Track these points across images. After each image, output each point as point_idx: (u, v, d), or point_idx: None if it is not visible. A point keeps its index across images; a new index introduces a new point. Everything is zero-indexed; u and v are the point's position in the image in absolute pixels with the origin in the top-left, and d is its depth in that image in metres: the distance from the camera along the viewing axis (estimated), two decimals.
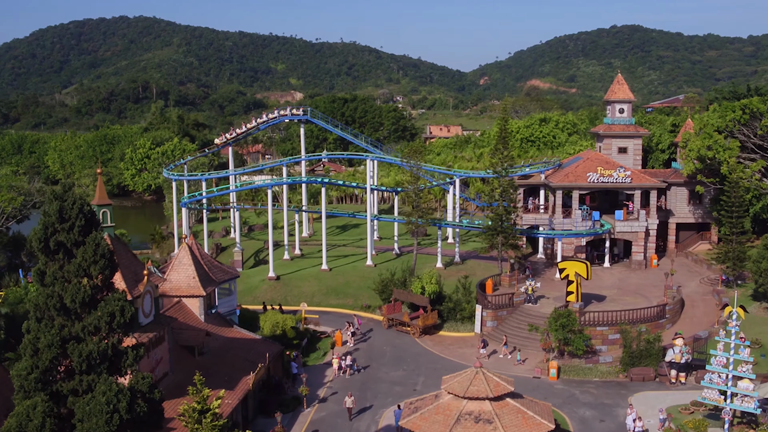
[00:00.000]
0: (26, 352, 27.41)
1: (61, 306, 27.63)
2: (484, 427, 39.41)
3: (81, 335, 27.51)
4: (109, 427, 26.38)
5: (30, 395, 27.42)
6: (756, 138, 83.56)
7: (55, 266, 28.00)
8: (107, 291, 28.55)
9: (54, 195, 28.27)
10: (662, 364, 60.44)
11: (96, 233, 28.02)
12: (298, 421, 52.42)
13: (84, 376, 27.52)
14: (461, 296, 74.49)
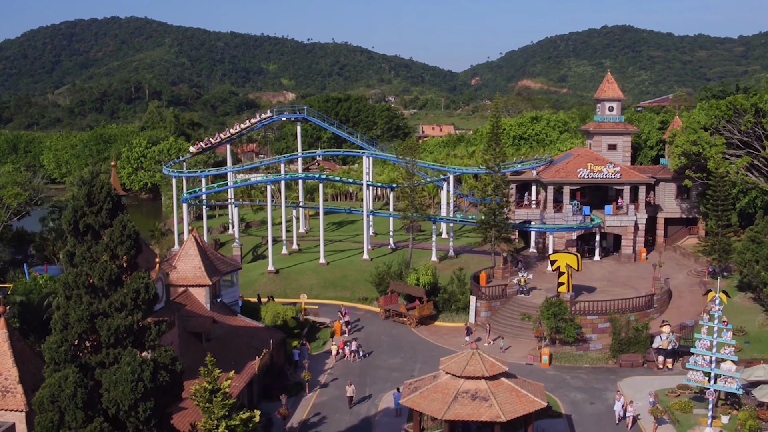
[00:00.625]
0: (56, 327, 29.54)
1: (88, 284, 29.80)
2: (480, 404, 41.69)
3: (108, 311, 29.67)
4: (134, 395, 28.52)
5: (60, 367, 29.52)
6: (741, 134, 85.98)
7: (83, 247, 30.14)
8: (132, 270, 30.73)
9: (82, 180, 30.41)
10: (650, 351, 62.90)
11: (122, 215, 30.20)
12: (300, 405, 54.67)
13: (111, 350, 29.65)
14: (456, 288, 76.82)
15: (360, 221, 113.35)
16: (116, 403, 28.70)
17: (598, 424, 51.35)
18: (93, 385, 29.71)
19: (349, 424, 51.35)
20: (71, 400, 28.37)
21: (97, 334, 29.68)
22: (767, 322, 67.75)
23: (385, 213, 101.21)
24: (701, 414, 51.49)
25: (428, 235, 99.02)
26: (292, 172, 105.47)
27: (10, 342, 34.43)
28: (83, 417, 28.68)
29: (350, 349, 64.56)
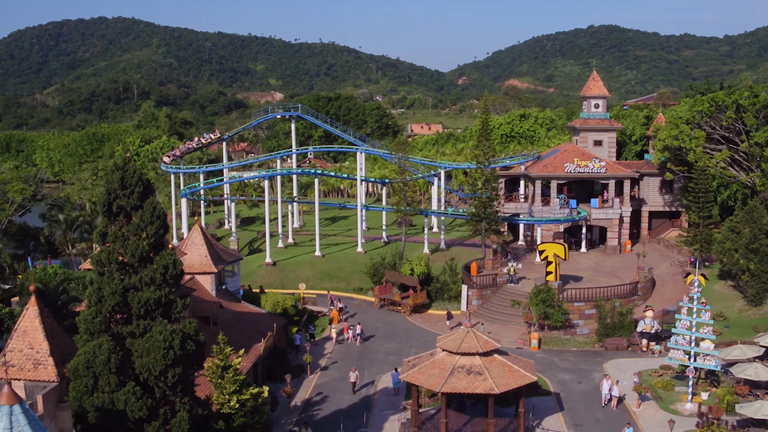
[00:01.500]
0: (91, 300, 32.33)
1: (120, 261, 32.62)
2: (475, 378, 44.64)
3: (139, 285, 32.49)
4: (165, 361, 31.37)
5: (94, 337, 32.37)
6: (721, 129, 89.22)
7: (115, 227, 32.98)
8: (159, 249, 33.55)
9: (116, 166, 33.20)
10: (634, 335, 66.05)
11: (152, 198, 33.08)
12: (303, 386, 57.52)
13: (141, 321, 32.48)
14: (448, 277, 79.85)
15: (352, 217, 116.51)
16: (148, 369, 31.56)
17: (584, 402, 54.38)
18: (124, 353, 32.56)
19: (350, 403, 54.23)
20: (105, 365, 31.20)
21: (128, 306, 32.46)
22: (745, 307, 71.00)
23: (378, 207, 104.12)
24: (682, 391, 54.59)
25: (419, 229, 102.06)
26: (287, 168, 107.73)
27: (40, 318, 37.10)
28: (116, 381, 31.53)
29: (354, 333, 67.73)
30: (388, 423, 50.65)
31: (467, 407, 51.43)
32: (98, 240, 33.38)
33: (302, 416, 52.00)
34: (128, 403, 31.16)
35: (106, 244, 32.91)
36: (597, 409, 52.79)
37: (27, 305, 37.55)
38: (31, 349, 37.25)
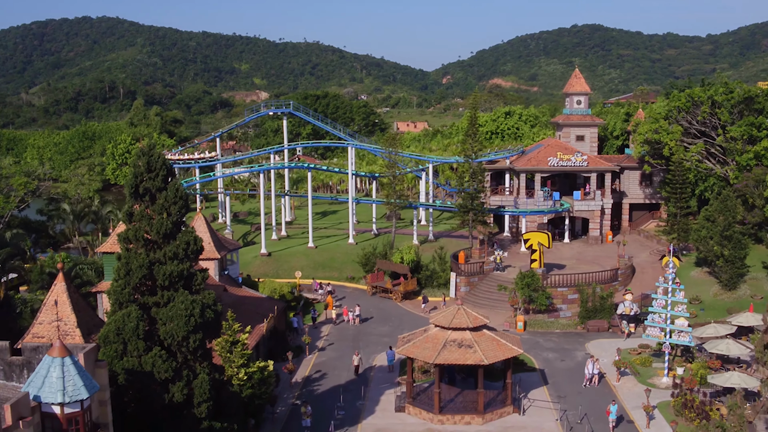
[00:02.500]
0: (120, 273, 35.61)
1: (145, 238, 35.93)
2: (466, 351, 48.17)
3: (163, 260, 35.81)
4: (187, 327, 34.67)
5: (123, 306, 35.65)
6: (698, 124, 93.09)
7: (142, 207, 36.29)
8: (181, 227, 36.88)
9: (142, 152, 36.45)
10: (614, 317, 69.82)
11: (174, 180, 36.41)
12: (302, 365, 60.95)
13: (165, 292, 35.78)
14: (437, 266, 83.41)
15: (342, 211, 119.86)
16: (172, 335, 34.89)
17: (567, 377, 58.03)
18: (149, 321, 35.88)
19: (348, 379, 57.67)
20: (134, 332, 34.53)
21: (153, 279, 35.77)
22: (720, 292, 74.94)
23: (369, 200, 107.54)
24: (659, 367, 58.33)
25: (408, 222, 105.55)
26: (281, 163, 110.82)
27: (68, 293, 40.36)
28: (143, 346, 34.86)
29: (354, 314, 71.54)
30: (384, 396, 54.14)
31: (458, 381, 54.97)
32: (125, 219, 36.65)
33: (303, 391, 55.42)
34: (155, 365, 34.47)
35: (132, 222, 36.19)
36: (579, 384, 56.38)
37: (55, 281, 40.87)
38: (60, 320, 40.53)
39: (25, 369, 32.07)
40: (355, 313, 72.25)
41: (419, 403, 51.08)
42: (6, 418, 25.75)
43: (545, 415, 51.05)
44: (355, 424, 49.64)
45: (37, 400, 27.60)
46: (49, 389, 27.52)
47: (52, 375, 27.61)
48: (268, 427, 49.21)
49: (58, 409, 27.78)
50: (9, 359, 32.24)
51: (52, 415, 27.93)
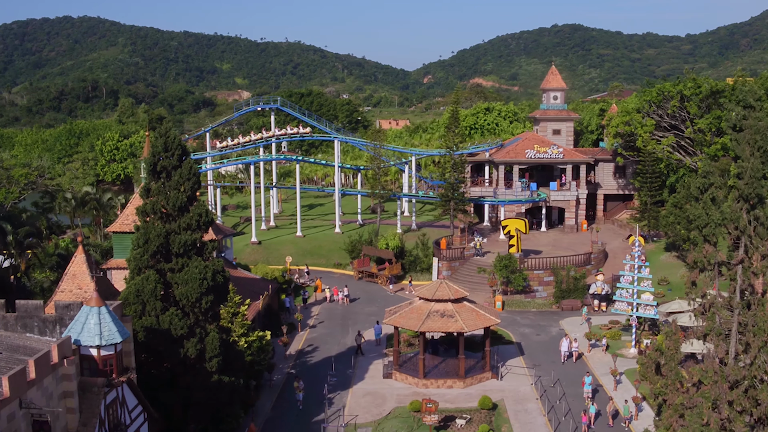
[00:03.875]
0: (139, 242, 39.68)
1: (161, 211, 40.04)
2: (448, 320, 52.55)
3: (178, 230, 39.92)
4: (201, 289, 38.79)
5: (141, 271, 39.75)
6: (668, 117, 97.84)
7: (158, 183, 40.39)
8: (193, 200, 40.98)
9: (159, 133, 40.49)
10: (587, 296, 74.41)
11: (188, 159, 40.51)
12: (295, 340, 65.23)
13: (179, 259, 39.86)
14: (420, 252, 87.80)
15: (327, 204, 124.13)
16: (186, 296, 39.00)
17: (542, 349, 62.57)
18: (165, 285, 40.00)
19: (338, 352, 61.97)
20: (152, 293, 38.64)
21: (169, 247, 39.86)
22: (687, 274, 79.58)
23: (355, 191, 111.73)
24: (627, 340, 62.95)
25: (391, 214, 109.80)
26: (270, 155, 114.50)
27: (87, 264, 44.42)
28: (161, 306, 38.97)
29: (344, 294, 75.91)
30: (372, 365, 58.49)
31: (441, 352, 59.35)
32: (143, 195, 40.75)
33: (297, 362, 59.68)
34: (172, 323, 38.56)
35: (149, 197, 40.31)
36: (553, 355, 60.80)
37: (75, 253, 44.92)
38: (80, 289, 44.66)
39: (57, 325, 36.01)
40: (344, 293, 76.60)
41: (405, 370, 55.47)
42: (53, 356, 29.79)
43: (521, 380, 55.52)
44: (347, 389, 53.96)
45: (77, 343, 31.72)
46: (87, 334, 31.65)
47: (90, 322, 31.75)
48: (266, 391, 53.43)
49: (95, 352, 31.91)
50: (43, 316, 36.22)
51: (89, 357, 32.07)
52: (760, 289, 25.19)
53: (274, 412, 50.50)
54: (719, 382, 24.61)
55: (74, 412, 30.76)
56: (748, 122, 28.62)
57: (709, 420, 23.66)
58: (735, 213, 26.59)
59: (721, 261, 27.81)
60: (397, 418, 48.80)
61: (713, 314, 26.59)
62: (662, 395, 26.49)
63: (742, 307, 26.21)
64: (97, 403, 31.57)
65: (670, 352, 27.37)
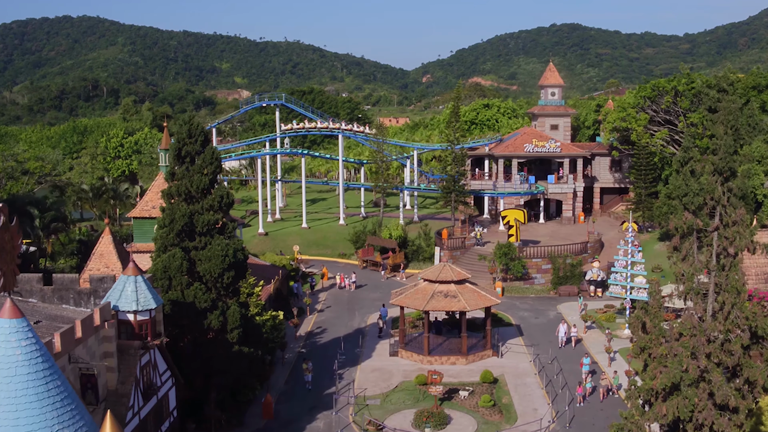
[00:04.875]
0: (165, 221, 42.68)
1: (185, 193, 43.04)
2: (451, 300, 55.57)
3: (201, 211, 42.93)
4: (223, 265, 41.81)
5: (167, 249, 42.76)
6: (662, 112, 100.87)
7: (182, 168, 43.40)
8: (215, 183, 44.00)
9: (183, 121, 43.49)
10: (583, 283, 77.46)
11: (211, 144, 43.52)
12: (304, 323, 68.28)
13: (203, 237, 42.89)
14: (422, 242, 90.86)
15: (331, 199, 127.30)
16: (209, 272, 42.03)
17: (540, 330, 65.61)
18: (189, 262, 43.02)
19: (345, 333, 64.97)
20: (178, 269, 41.66)
21: (193, 227, 42.87)
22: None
23: (358, 184, 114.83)
24: (621, 322, 65.97)
25: (393, 208, 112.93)
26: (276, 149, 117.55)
27: (113, 244, 47.42)
28: (186, 281, 41.97)
29: (350, 281, 78.99)
30: (379, 345, 61.54)
31: (444, 332, 62.36)
32: (168, 178, 43.78)
33: (307, 342, 62.73)
34: (196, 296, 41.56)
35: (174, 180, 43.33)
36: (550, 336, 63.77)
37: (102, 234, 47.95)
38: (107, 268, 47.65)
39: (92, 296, 39.05)
40: (351, 280, 79.70)
41: (411, 348, 58.51)
42: (96, 319, 32.80)
43: (520, 357, 58.56)
44: (355, 365, 56.98)
45: (115, 309, 34.74)
46: (125, 300, 34.68)
47: (127, 289, 34.77)
48: (279, 368, 56.42)
49: (132, 317, 34.93)
50: (78, 289, 39.24)
51: (126, 322, 35.08)
52: (732, 252, 28.12)
53: (287, 386, 53.47)
54: (698, 335, 27.57)
55: (114, 371, 33.79)
56: (722, 104, 31.55)
57: (688, 367, 26.65)
58: (711, 185, 29.56)
59: (699, 228, 30.74)
60: (403, 390, 51.81)
61: (692, 275, 29.55)
62: (647, 349, 29.43)
63: (718, 270, 29.20)
64: (133, 364, 34.60)
65: (653, 310, 30.28)
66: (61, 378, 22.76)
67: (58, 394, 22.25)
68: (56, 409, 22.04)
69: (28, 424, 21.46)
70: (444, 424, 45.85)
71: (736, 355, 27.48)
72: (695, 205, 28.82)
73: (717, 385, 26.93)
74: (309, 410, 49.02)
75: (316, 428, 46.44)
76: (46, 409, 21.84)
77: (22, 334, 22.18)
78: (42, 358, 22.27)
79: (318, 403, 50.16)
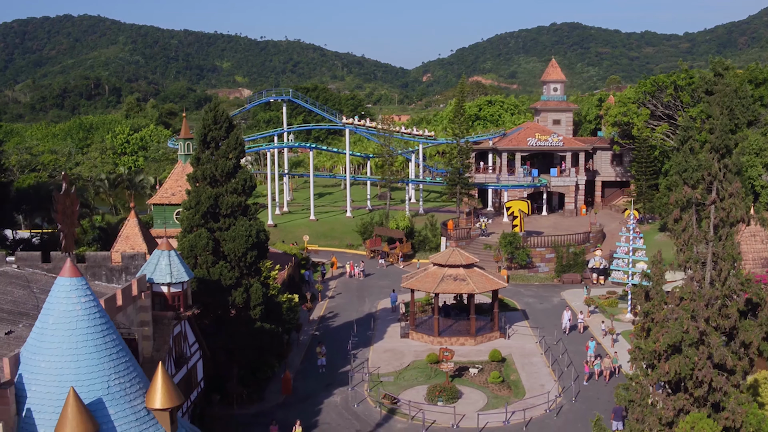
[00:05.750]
0: (191, 203, 44.89)
1: (211, 176, 45.24)
2: (460, 283, 57.81)
3: (225, 193, 45.14)
4: (246, 245, 43.97)
5: (193, 230, 44.96)
6: (662, 107, 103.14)
7: (207, 153, 45.61)
8: (238, 167, 46.20)
9: (209, 107, 45.69)
10: (586, 271, 79.71)
11: (235, 130, 45.72)
12: (316, 308, 70.46)
13: (227, 219, 45.09)
14: (428, 232, 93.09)
15: (337, 193, 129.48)
16: (233, 251, 44.21)
17: (545, 314, 67.88)
18: (214, 242, 45.24)
19: (356, 317, 67.16)
20: (204, 248, 43.89)
21: (217, 208, 45.07)
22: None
23: (365, 177, 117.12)
24: (624, 307, 68.19)
25: (398, 201, 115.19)
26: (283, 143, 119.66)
27: (139, 227, 49.64)
28: (212, 260, 44.20)
29: (359, 270, 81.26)
30: (390, 328, 63.80)
31: (452, 315, 64.60)
32: (193, 163, 46.00)
33: (320, 326, 64.99)
34: (222, 274, 43.79)
35: (199, 165, 45.55)
36: (555, 320, 65.97)
37: (128, 217, 50.20)
38: (132, 249, 49.87)
39: (123, 273, 41.30)
40: (359, 268, 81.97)
41: (421, 330, 60.76)
42: (134, 289, 35.02)
43: (526, 339, 60.81)
44: (368, 346, 59.24)
45: (150, 281, 36.95)
46: (159, 273, 36.91)
47: (162, 263, 37.00)
48: (295, 349, 58.62)
49: (166, 289, 37.15)
50: (110, 266, 41.47)
51: (160, 294, 37.30)
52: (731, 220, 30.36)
53: (303, 366, 55.65)
54: (697, 300, 29.77)
55: (149, 339, 36.01)
56: (718, 87, 33.91)
57: (689, 328, 28.81)
58: (708, 162, 31.81)
59: (698, 201, 32.96)
60: (415, 369, 54.04)
61: (691, 245, 31.77)
62: (650, 314, 31.60)
63: (716, 240, 31.42)
64: (167, 333, 36.84)
65: (656, 277, 32.47)
66: (116, 333, 25.07)
67: (113, 346, 24.49)
68: (112, 359, 24.28)
69: (88, 373, 23.70)
70: (456, 398, 48.08)
71: (733, 318, 29.73)
72: (694, 180, 30.91)
73: (715, 347, 29.11)
74: (325, 387, 51.24)
75: (333, 403, 48.62)
76: (103, 360, 24.08)
77: (82, 291, 24.47)
78: (99, 313, 24.56)
79: (334, 381, 52.37)
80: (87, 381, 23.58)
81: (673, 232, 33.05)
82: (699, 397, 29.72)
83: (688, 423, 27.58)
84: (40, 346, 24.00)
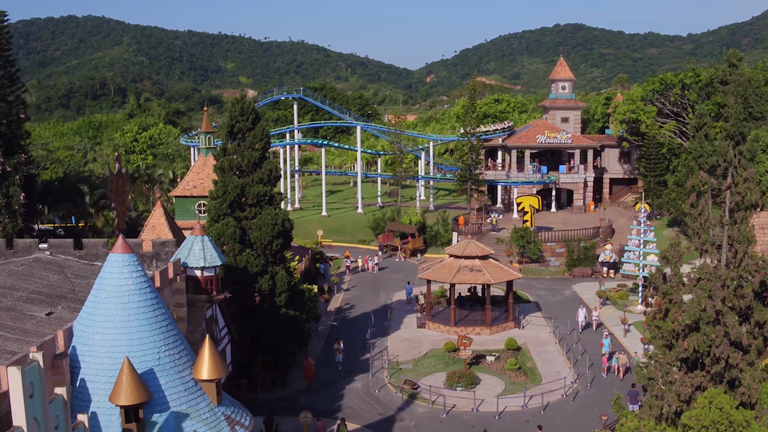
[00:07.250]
0: (218, 193, 46.28)
1: (237, 167, 46.65)
2: (476, 274, 59.16)
3: (251, 183, 46.54)
4: (273, 233, 45.37)
5: (221, 219, 46.35)
6: (670, 105, 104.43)
7: (234, 144, 47.02)
8: (264, 158, 47.59)
9: (236, 100, 47.11)
10: (596, 264, 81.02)
11: (261, 122, 47.11)
12: (332, 300, 71.78)
13: (253, 208, 46.51)
14: (440, 227, 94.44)
15: (345, 191, 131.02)
16: (260, 239, 45.62)
17: (557, 306, 69.22)
18: (240, 230, 46.63)
19: (373, 308, 68.56)
20: (232, 236, 45.28)
21: (244, 198, 46.46)
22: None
23: (375, 174, 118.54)
24: (635, 299, 69.50)
25: (408, 199, 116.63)
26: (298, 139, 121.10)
27: (165, 217, 51.01)
28: (239, 248, 45.58)
29: (373, 263, 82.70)
30: (406, 318, 65.23)
31: (467, 306, 65.96)
32: (220, 154, 47.42)
33: (338, 316, 66.35)
34: (249, 261, 45.18)
35: (226, 155, 46.95)
36: (568, 311, 67.29)
37: (154, 207, 51.58)
38: (159, 238, 51.13)
39: (154, 259, 42.62)
40: (374, 262, 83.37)
41: (437, 320, 62.15)
42: (170, 272, 36.36)
43: (540, 329, 62.19)
44: (386, 336, 60.65)
45: (184, 265, 38.31)
46: (193, 257, 38.26)
47: (195, 247, 38.35)
48: (314, 338, 59.98)
49: (199, 273, 38.52)
50: (141, 252, 42.79)
51: (194, 278, 38.66)
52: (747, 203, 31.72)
53: (323, 354, 57.01)
54: (713, 281, 31.11)
55: (183, 321, 37.35)
56: (733, 77, 35.45)
57: (706, 306, 30.13)
58: (723, 149, 33.19)
59: (713, 186, 34.29)
60: (434, 356, 55.42)
61: (708, 229, 33.13)
62: (668, 295, 32.88)
63: (731, 224, 32.79)
64: (201, 316, 38.21)
65: (674, 259, 33.76)
66: (164, 307, 26.47)
67: (163, 320, 25.91)
68: (162, 333, 25.69)
69: (140, 344, 25.10)
70: (474, 384, 49.44)
71: (748, 297, 31.05)
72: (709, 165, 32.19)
73: (731, 326, 30.43)
74: (346, 374, 52.61)
75: (354, 389, 50.00)
76: (154, 332, 25.50)
77: (133, 267, 25.88)
78: (149, 288, 25.97)
79: (354, 368, 53.72)
80: (139, 352, 24.94)
81: (689, 215, 34.35)
82: (716, 374, 31.03)
83: (706, 398, 28.84)
84: (93, 319, 25.33)
